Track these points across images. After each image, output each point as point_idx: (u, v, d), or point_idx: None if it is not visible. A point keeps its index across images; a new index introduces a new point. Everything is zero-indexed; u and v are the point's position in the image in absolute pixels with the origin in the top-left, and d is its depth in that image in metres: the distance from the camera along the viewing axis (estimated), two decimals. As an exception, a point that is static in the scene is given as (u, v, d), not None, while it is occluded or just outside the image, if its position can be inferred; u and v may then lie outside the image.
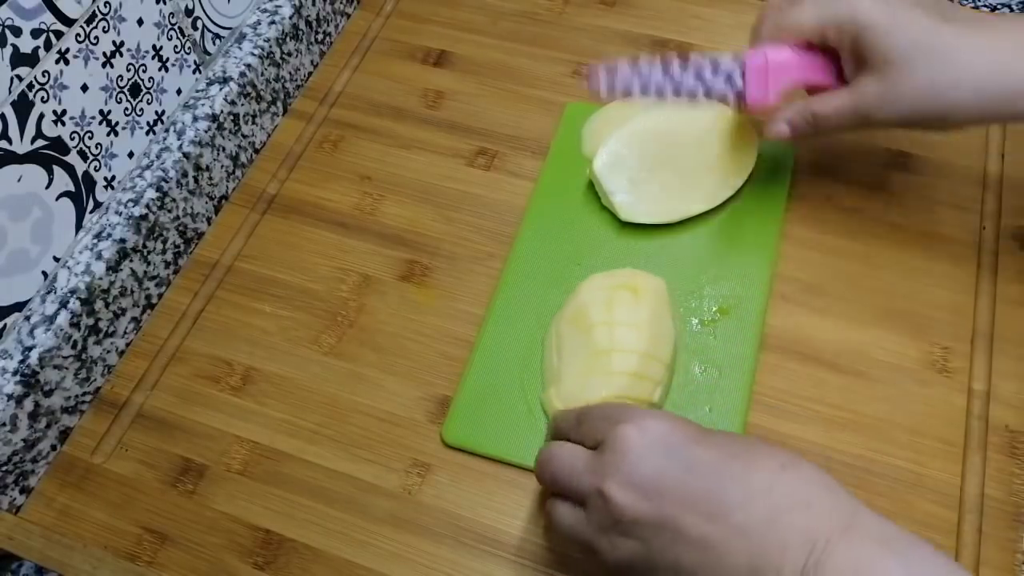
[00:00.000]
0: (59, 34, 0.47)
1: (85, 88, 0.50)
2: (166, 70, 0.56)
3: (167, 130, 0.57)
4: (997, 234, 0.54)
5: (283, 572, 0.46)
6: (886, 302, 0.52)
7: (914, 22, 0.43)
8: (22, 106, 0.46)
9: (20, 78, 0.45)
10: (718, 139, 0.56)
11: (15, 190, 0.47)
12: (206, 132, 0.57)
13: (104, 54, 0.51)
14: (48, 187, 0.49)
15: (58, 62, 0.47)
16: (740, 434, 0.37)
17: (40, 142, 0.48)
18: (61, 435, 0.51)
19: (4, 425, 0.46)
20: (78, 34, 0.48)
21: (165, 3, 0.54)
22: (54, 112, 0.48)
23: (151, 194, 0.54)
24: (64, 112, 0.49)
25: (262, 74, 0.62)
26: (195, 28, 0.58)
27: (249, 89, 0.61)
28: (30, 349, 0.47)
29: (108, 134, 0.53)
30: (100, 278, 0.51)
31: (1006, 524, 0.45)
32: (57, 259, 0.51)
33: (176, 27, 0.56)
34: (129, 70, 0.53)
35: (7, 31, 0.44)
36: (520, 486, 0.48)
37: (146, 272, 0.55)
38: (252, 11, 0.63)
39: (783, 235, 0.55)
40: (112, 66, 0.51)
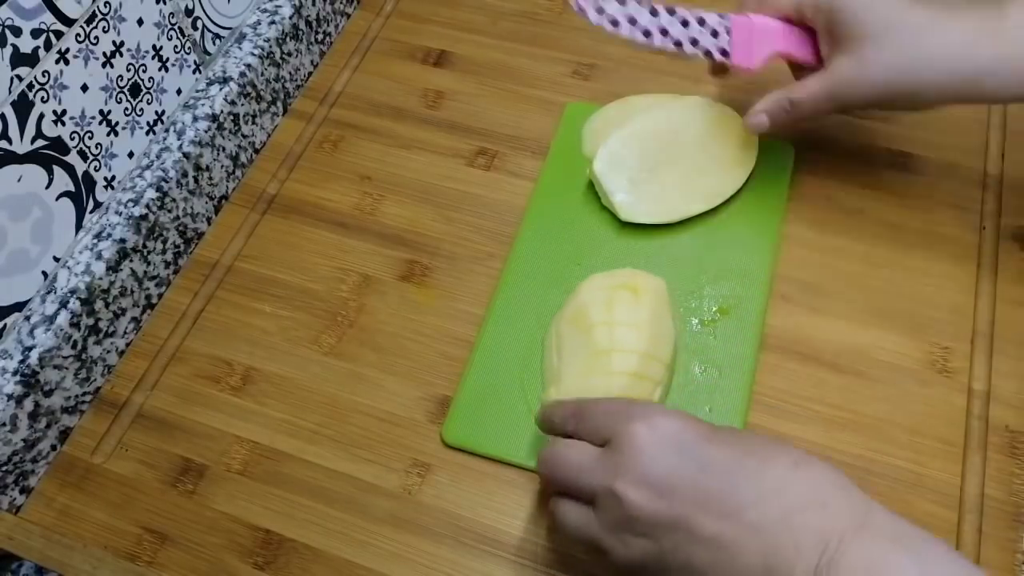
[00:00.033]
0: (59, 34, 0.47)
1: (85, 88, 0.50)
2: (166, 70, 0.56)
3: (167, 130, 0.57)
4: (997, 234, 0.54)
5: (283, 572, 0.46)
6: (886, 302, 0.52)
7: (886, 2, 0.45)
8: (22, 106, 0.46)
9: (20, 78, 0.45)
10: (718, 139, 0.56)
11: (15, 190, 0.47)
12: (206, 132, 0.57)
13: (104, 54, 0.51)
14: (48, 187, 0.49)
15: (58, 62, 0.47)
16: (750, 431, 0.37)
17: (40, 142, 0.48)
18: (61, 435, 0.51)
19: (4, 425, 0.46)
20: (78, 34, 0.48)
21: (165, 3, 0.54)
22: (54, 112, 0.48)
23: (151, 194, 0.54)
24: (64, 112, 0.49)
25: (262, 74, 0.62)
26: (195, 28, 0.58)
27: (249, 89, 0.61)
28: (30, 349, 0.47)
29: (108, 134, 0.53)
30: (100, 278, 0.51)
31: (1006, 524, 0.45)
32: (57, 259, 0.51)
33: (176, 27, 0.56)
34: (129, 70, 0.53)
35: (7, 31, 0.44)
36: (520, 486, 0.48)
37: (146, 272, 0.55)
38: (252, 11, 0.63)
39: (783, 235, 0.55)
40: (112, 66, 0.51)
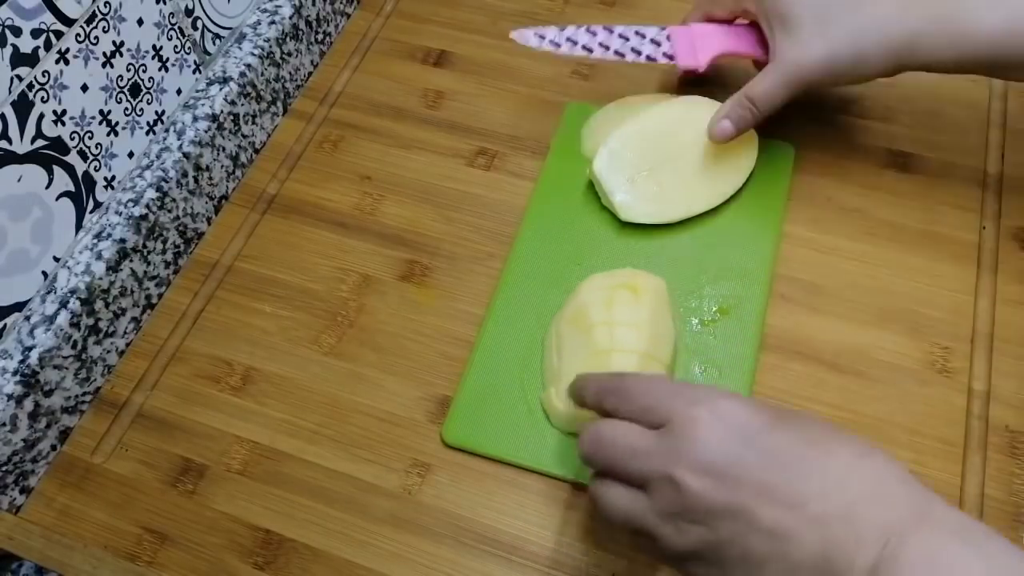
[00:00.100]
0: (59, 34, 0.47)
1: (85, 88, 0.50)
2: (166, 70, 0.56)
3: (167, 130, 0.57)
4: (997, 234, 0.54)
5: (283, 572, 0.46)
6: (886, 302, 0.52)
7: None
8: (22, 106, 0.46)
9: (20, 78, 0.45)
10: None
11: (15, 190, 0.47)
12: (206, 132, 0.57)
13: (104, 54, 0.51)
14: (48, 187, 0.49)
15: (58, 62, 0.47)
16: (815, 419, 0.36)
17: (40, 142, 0.48)
18: (61, 435, 0.51)
19: (4, 425, 0.46)
20: (78, 34, 0.48)
21: (165, 3, 0.54)
22: (54, 112, 0.48)
23: (151, 194, 0.54)
24: (64, 112, 0.49)
25: (262, 74, 0.62)
26: (195, 28, 0.58)
27: (249, 89, 0.61)
28: (30, 349, 0.47)
29: (108, 134, 0.53)
30: (100, 278, 0.51)
31: (1006, 524, 0.45)
32: (57, 259, 0.51)
33: (176, 27, 0.56)
34: (129, 70, 0.53)
35: (7, 31, 0.44)
36: (520, 486, 0.48)
37: (146, 272, 0.55)
38: (252, 11, 0.63)
39: (783, 235, 0.55)
40: (112, 66, 0.51)
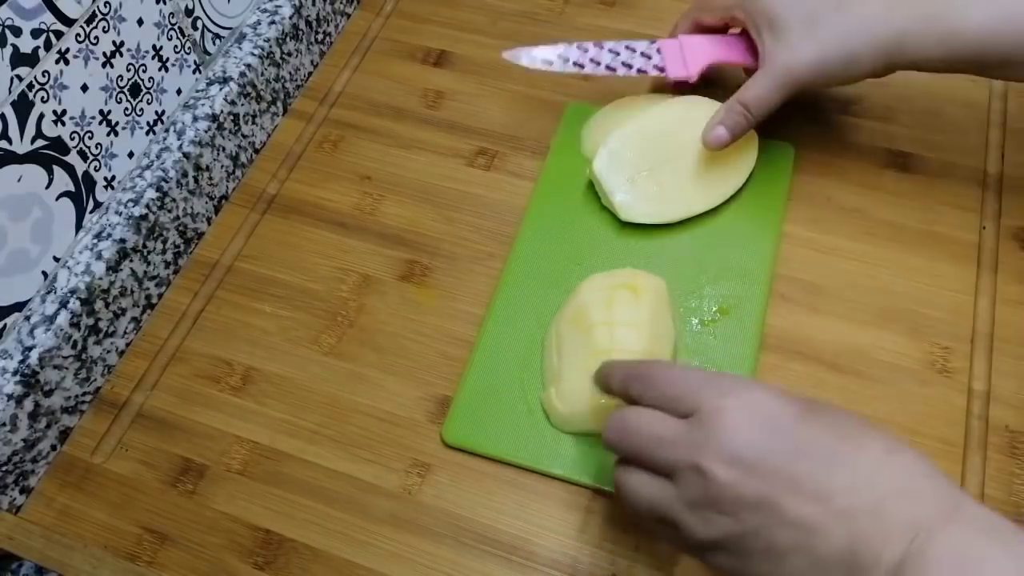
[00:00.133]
0: (59, 34, 0.47)
1: (85, 88, 0.50)
2: (166, 70, 0.56)
3: (167, 130, 0.57)
4: (997, 234, 0.54)
5: (283, 572, 0.46)
6: (886, 302, 0.52)
7: None
8: (22, 106, 0.46)
9: (20, 78, 0.45)
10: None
11: (15, 190, 0.47)
12: (206, 132, 0.57)
13: (104, 54, 0.51)
14: (48, 187, 0.49)
15: (58, 62, 0.47)
16: (846, 412, 0.36)
17: (40, 142, 0.48)
18: (61, 435, 0.51)
19: (4, 425, 0.46)
20: (78, 34, 0.48)
21: (165, 3, 0.54)
22: (54, 112, 0.48)
23: (151, 194, 0.54)
24: (64, 112, 0.49)
25: (262, 74, 0.62)
26: (195, 28, 0.58)
27: (249, 89, 0.61)
28: (30, 349, 0.47)
29: (108, 134, 0.53)
30: (100, 278, 0.51)
31: (1006, 524, 0.45)
32: (57, 259, 0.51)
33: (176, 27, 0.56)
34: (129, 70, 0.53)
35: (7, 31, 0.44)
36: (520, 486, 0.48)
37: (146, 272, 0.55)
38: (252, 11, 0.63)
39: (783, 235, 0.55)
40: (112, 66, 0.51)
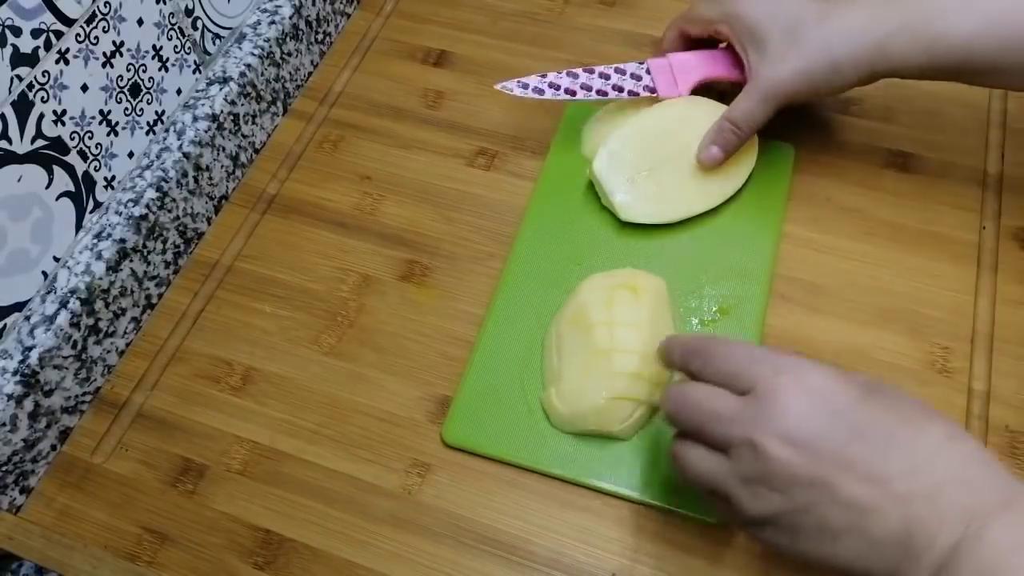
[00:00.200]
0: (59, 34, 0.47)
1: (85, 88, 0.50)
2: (166, 70, 0.56)
3: (167, 130, 0.57)
4: (997, 234, 0.54)
5: (283, 572, 0.46)
6: (886, 302, 0.52)
7: (786, 4, 0.50)
8: (22, 106, 0.46)
9: (20, 78, 0.45)
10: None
11: (15, 190, 0.47)
12: (206, 132, 0.57)
13: (104, 54, 0.51)
14: (48, 187, 0.49)
15: (58, 62, 0.47)
16: (907, 395, 0.37)
17: (40, 142, 0.48)
18: (61, 435, 0.51)
19: (4, 425, 0.46)
20: (78, 34, 0.48)
21: (165, 3, 0.54)
22: (54, 112, 0.48)
23: (151, 194, 0.54)
24: (64, 112, 0.49)
25: (262, 74, 0.62)
26: (195, 28, 0.58)
27: (249, 89, 0.61)
28: (30, 349, 0.47)
29: (108, 134, 0.53)
30: (100, 278, 0.51)
31: (1006, 524, 0.45)
32: (57, 259, 0.51)
33: (176, 27, 0.56)
34: (129, 70, 0.53)
35: (7, 31, 0.44)
36: (520, 486, 0.48)
37: (146, 272, 0.55)
38: (252, 11, 0.63)
39: (783, 235, 0.55)
40: (112, 66, 0.51)
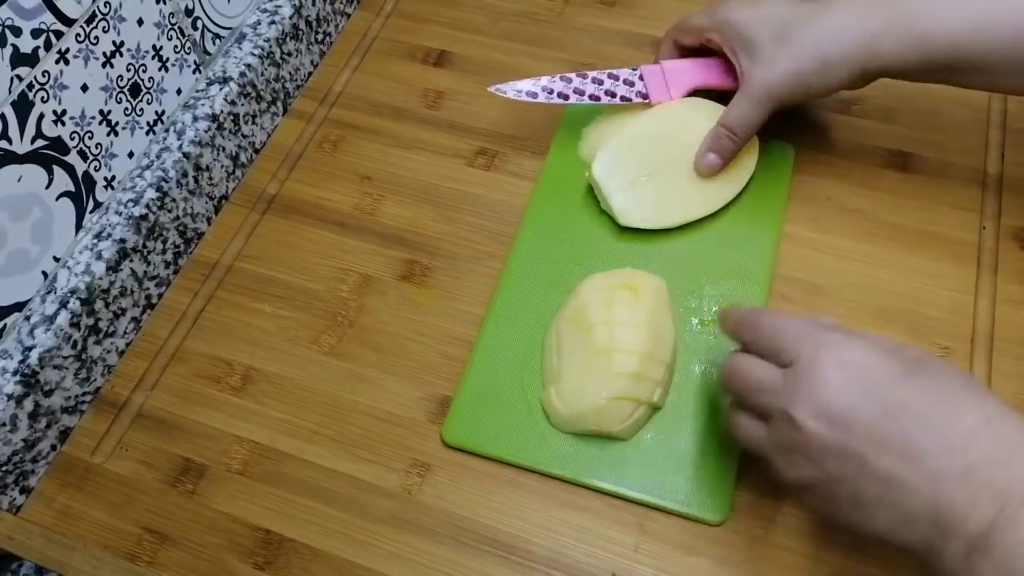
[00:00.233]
0: (59, 34, 0.47)
1: (85, 88, 0.50)
2: (166, 70, 0.56)
3: (167, 130, 0.57)
4: (997, 234, 0.54)
5: (283, 572, 0.46)
6: (886, 302, 0.52)
7: (775, 6, 0.51)
8: (22, 106, 0.46)
9: (20, 78, 0.45)
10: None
11: (15, 190, 0.47)
12: (206, 132, 0.57)
13: (104, 54, 0.51)
14: (48, 187, 0.49)
15: (58, 62, 0.47)
16: (954, 371, 0.37)
17: (40, 142, 0.48)
18: (61, 435, 0.51)
19: (4, 425, 0.46)
20: (78, 34, 0.48)
21: (165, 3, 0.54)
22: (54, 112, 0.48)
23: (151, 194, 0.54)
24: (64, 112, 0.49)
25: (262, 74, 0.62)
26: (195, 28, 0.58)
27: (249, 89, 0.61)
28: (30, 349, 0.47)
29: (108, 134, 0.53)
30: (100, 278, 0.51)
31: (1006, 524, 0.45)
32: (57, 259, 0.51)
33: (176, 27, 0.56)
34: (129, 70, 0.53)
35: (7, 31, 0.44)
36: (520, 486, 0.48)
37: (146, 272, 0.55)
38: (252, 11, 0.63)
39: (783, 235, 0.55)
40: (112, 66, 0.51)
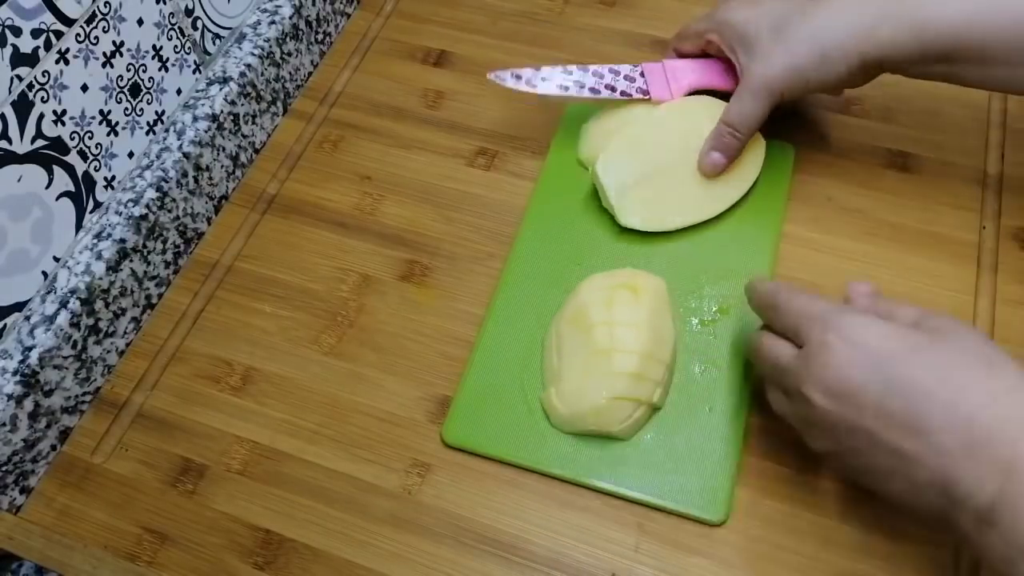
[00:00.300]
0: (59, 34, 0.47)
1: (85, 88, 0.50)
2: (166, 70, 0.56)
3: (167, 130, 0.57)
4: (997, 234, 0.54)
5: (283, 572, 0.46)
6: (886, 302, 0.52)
7: (773, 6, 0.51)
8: (22, 106, 0.46)
9: (20, 78, 0.45)
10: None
11: (15, 190, 0.47)
12: (206, 132, 0.57)
13: (104, 54, 0.51)
14: (48, 187, 0.49)
15: (58, 62, 0.47)
16: (972, 342, 0.37)
17: (40, 142, 0.48)
18: (61, 435, 0.51)
19: (4, 425, 0.46)
20: (78, 34, 0.48)
21: (165, 3, 0.54)
22: (54, 112, 0.48)
23: (151, 194, 0.54)
24: (64, 112, 0.49)
25: (262, 74, 0.62)
26: (195, 28, 0.58)
27: (249, 89, 0.61)
28: (30, 349, 0.47)
29: (108, 134, 0.53)
30: (100, 278, 0.51)
31: (1006, 524, 0.45)
32: (57, 259, 0.51)
33: (176, 27, 0.56)
34: (129, 70, 0.53)
35: (7, 31, 0.44)
36: (520, 486, 0.48)
37: (146, 272, 0.55)
38: (252, 11, 0.63)
39: (783, 235, 0.55)
40: (112, 66, 0.51)
